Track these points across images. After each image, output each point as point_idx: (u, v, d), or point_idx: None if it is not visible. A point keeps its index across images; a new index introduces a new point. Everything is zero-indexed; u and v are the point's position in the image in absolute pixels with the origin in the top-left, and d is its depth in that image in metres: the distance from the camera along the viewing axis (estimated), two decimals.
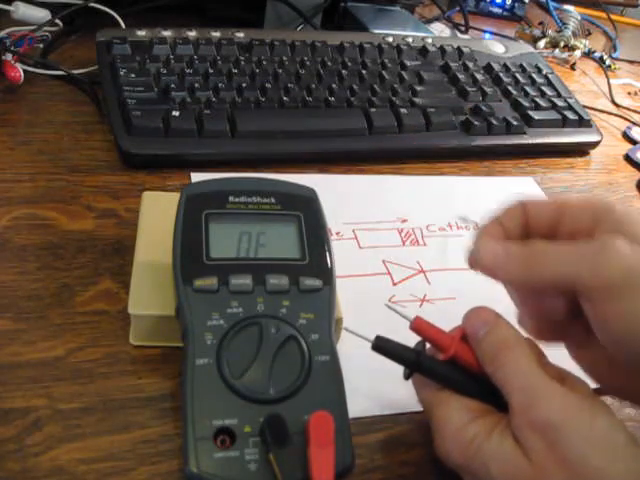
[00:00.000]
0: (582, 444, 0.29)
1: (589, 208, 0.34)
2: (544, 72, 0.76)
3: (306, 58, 0.67)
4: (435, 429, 0.33)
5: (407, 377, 0.35)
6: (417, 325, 0.35)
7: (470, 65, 0.73)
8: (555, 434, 0.29)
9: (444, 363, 0.34)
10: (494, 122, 0.65)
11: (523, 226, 0.35)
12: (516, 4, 1.07)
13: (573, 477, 0.29)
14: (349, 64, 0.67)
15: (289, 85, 0.62)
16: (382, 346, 0.35)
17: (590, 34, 1.03)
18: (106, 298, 0.42)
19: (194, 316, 0.35)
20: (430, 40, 0.75)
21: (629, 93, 0.90)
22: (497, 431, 0.31)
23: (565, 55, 0.95)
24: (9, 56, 0.60)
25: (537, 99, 0.70)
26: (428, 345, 0.36)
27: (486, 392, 0.34)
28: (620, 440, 0.29)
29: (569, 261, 0.31)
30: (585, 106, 0.74)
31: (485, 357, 0.33)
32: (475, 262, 0.34)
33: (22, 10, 0.67)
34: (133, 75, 0.58)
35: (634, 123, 0.80)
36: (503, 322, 0.34)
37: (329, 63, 0.67)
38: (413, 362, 0.34)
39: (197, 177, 0.53)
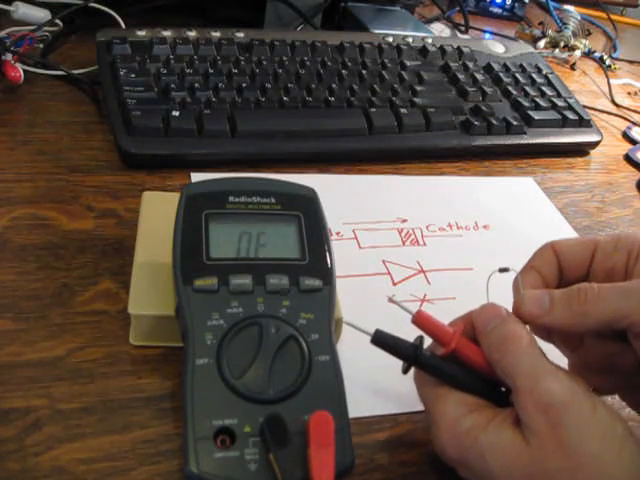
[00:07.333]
0: (581, 428, 0.29)
1: (622, 245, 0.36)
2: (544, 72, 0.76)
3: (306, 58, 0.67)
4: (432, 423, 0.34)
5: (405, 371, 0.35)
6: (419, 318, 0.35)
7: (470, 65, 0.73)
8: (558, 415, 0.29)
9: (442, 358, 0.34)
10: (494, 122, 0.65)
11: (558, 270, 0.37)
12: (516, 4, 1.08)
13: (569, 461, 0.29)
14: (349, 64, 0.67)
15: (289, 85, 0.62)
16: (381, 339, 0.35)
17: (590, 34, 1.03)
18: (106, 298, 0.42)
19: (194, 316, 0.35)
20: (430, 40, 0.75)
21: (629, 93, 0.90)
22: (494, 423, 0.31)
23: (565, 55, 0.95)
24: (9, 56, 0.60)
25: (537, 99, 0.70)
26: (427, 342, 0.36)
27: (484, 387, 0.34)
28: (618, 431, 0.30)
29: (620, 298, 0.32)
30: (585, 106, 0.74)
31: (492, 346, 0.33)
32: (521, 314, 0.35)
33: (22, 10, 0.67)
34: (133, 75, 0.58)
35: (634, 123, 0.80)
36: (513, 318, 0.34)
37: (329, 63, 0.67)
38: (411, 356, 0.34)
39: (197, 177, 0.53)
